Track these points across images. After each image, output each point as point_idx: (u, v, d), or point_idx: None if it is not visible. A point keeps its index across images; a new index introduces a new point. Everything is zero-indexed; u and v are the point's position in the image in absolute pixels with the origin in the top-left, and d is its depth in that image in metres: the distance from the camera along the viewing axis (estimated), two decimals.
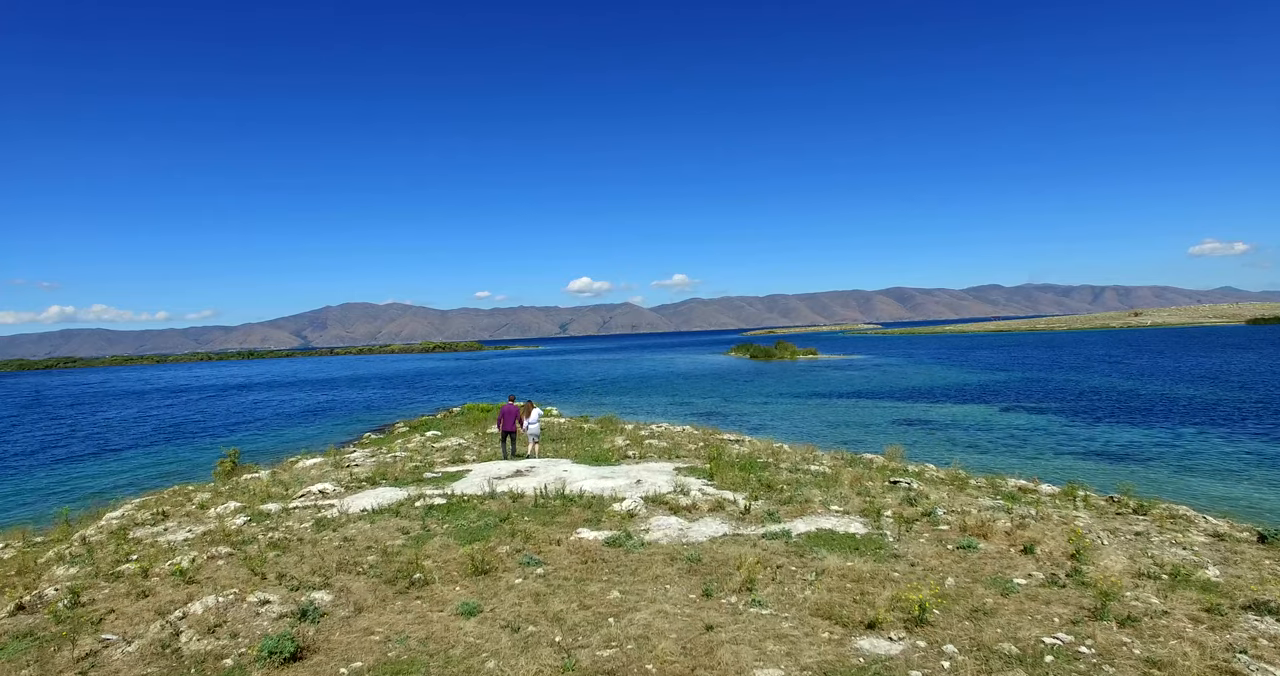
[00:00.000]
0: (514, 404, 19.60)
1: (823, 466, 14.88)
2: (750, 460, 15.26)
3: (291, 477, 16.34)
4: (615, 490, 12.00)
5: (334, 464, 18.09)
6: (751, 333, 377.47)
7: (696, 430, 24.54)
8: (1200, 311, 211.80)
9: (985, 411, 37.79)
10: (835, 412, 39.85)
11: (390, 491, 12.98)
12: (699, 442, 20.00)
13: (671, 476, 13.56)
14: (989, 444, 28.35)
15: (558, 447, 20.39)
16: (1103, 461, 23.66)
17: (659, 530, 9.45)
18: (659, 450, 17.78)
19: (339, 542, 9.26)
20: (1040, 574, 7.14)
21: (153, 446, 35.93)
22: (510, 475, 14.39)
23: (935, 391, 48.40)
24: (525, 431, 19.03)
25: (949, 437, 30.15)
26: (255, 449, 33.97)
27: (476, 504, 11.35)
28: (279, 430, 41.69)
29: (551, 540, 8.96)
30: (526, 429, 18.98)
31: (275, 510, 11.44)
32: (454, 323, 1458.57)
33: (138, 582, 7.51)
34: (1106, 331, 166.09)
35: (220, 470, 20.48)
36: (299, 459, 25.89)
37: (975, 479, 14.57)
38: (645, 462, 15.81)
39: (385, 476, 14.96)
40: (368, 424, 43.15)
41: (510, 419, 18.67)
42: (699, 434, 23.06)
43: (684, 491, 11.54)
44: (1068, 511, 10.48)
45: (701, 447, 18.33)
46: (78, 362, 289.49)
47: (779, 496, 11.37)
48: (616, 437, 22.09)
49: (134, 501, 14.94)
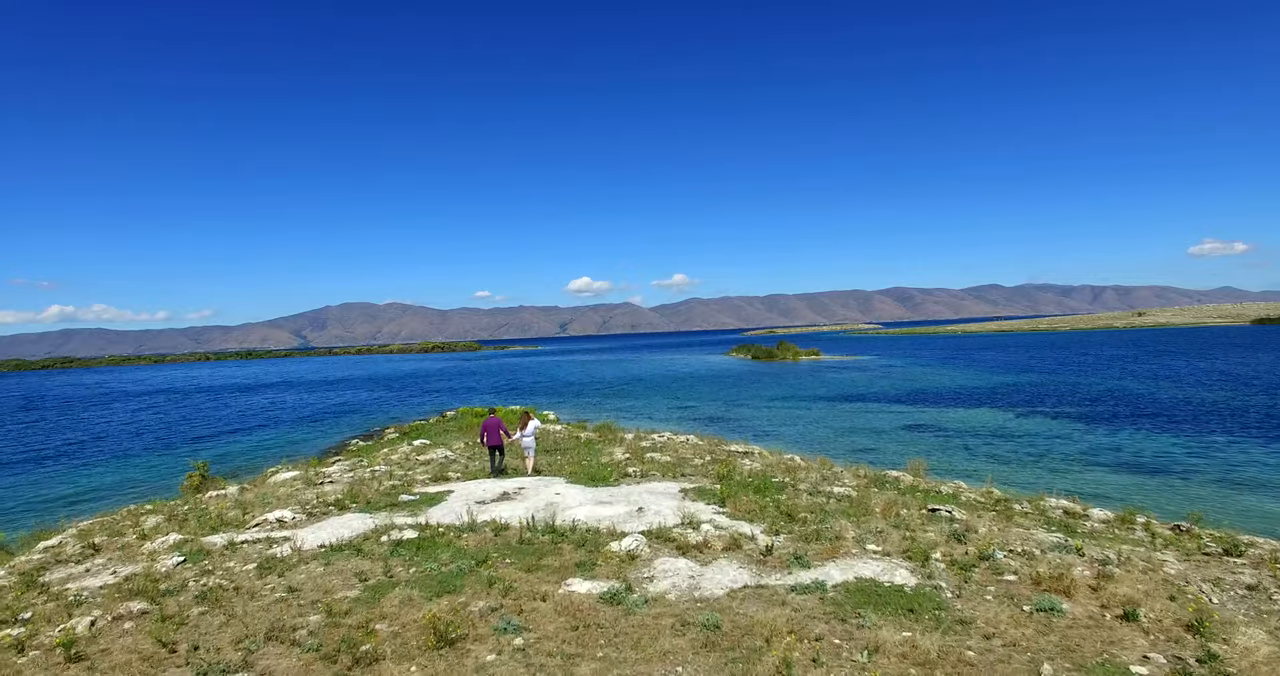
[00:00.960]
0: (496, 415, 18.08)
1: (846, 487, 13.32)
2: (764, 479, 13.71)
3: (257, 497, 14.79)
4: (614, 521, 10.44)
5: (306, 480, 16.53)
6: (751, 333, 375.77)
7: (701, 440, 22.98)
8: (1204, 311, 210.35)
9: (999, 417, 36.25)
10: (843, 418, 38.30)
11: (358, 519, 11.43)
12: (705, 456, 18.44)
13: (678, 501, 12.01)
14: (1009, 453, 26.79)
15: (552, 460, 18.84)
16: (1137, 474, 22.11)
17: (665, 578, 7.89)
18: (662, 466, 16.22)
19: (281, 594, 7.70)
20: (1160, 656, 5.58)
21: (130, 454, 34.35)
22: (495, 499, 12.84)
23: (945, 394, 46.86)
24: (519, 443, 17.57)
25: (965, 446, 28.60)
26: (236, 456, 32.42)
27: (453, 538, 9.79)
28: (266, 435, 40.13)
29: (536, 594, 7.40)
30: (520, 441, 17.49)
31: (220, 545, 9.89)
32: (454, 322, 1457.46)
33: (6, 660, 5.97)
34: (1110, 331, 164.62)
35: (188, 484, 18.94)
36: (275, 471, 24.31)
37: (1019, 502, 13.01)
38: (647, 482, 14.25)
39: (357, 498, 13.40)
40: (358, 429, 41.60)
41: (494, 432, 17.13)
42: (704, 445, 21.50)
43: (693, 523, 9.97)
44: (1146, 551, 8.92)
45: (709, 463, 16.77)
46: (75, 363, 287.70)
47: (803, 529, 9.81)
48: (615, 449, 20.53)
49: (78, 525, 13.39)
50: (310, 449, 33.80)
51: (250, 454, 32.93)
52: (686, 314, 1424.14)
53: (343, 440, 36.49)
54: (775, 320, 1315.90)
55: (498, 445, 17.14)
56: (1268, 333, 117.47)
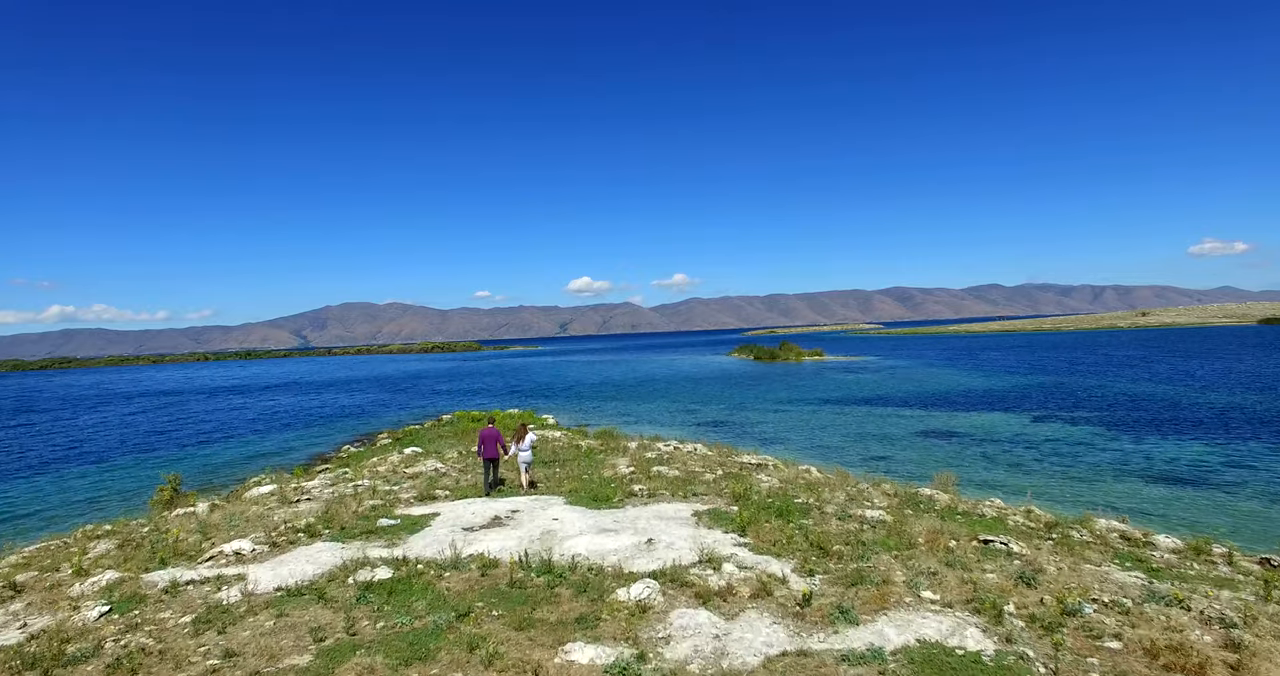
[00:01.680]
0: (494, 425, 16.72)
1: (878, 510, 11.90)
2: (785, 501, 12.30)
3: (224, 518, 13.39)
4: (620, 556, 9.03)
5: (282, 497, 15.10)
6: (752, 332, 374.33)
7: (709, 450, 21.56)
8: (1208, 311, 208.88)
9: (1016, 421, 34.83)
10: (853, 422, 36.89)
11: (328, 550, 10.02)
12: (716, 470, 17.02)
13: (691, 528, 10.60)
14: (1033, 462, 25.36)
15: (550, 474, 17.44)
16: (1176, 487, 20.68)
17: (685, 639, 6.48)
18: (670, 482, 14.80)
19: (215, 661, 6.29)
20: None
21: (112, 462, 32.92)
22: (485, 525, 11.43)
23: (955, 397, 45.44)
24: (515, 458, 16.25)
25: (985, 454, 27.17)
26: (221, 464, 31.01)
27: (432, 579, 8.38)
28: (255, 440, 38.72)
29: (527, 664, 5.99)
30: (517, 455, 16.17)
31: (161, 586, 8.48)
32: (454, 322, 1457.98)
33: None
34: (1113, 332, 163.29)
35: (158, 499, 17.53)
36: (256, 482, 22.91)
37: (1073, 527, 11.58)
38: (655, 502, 12.84)
39: (332, 521, 11.99)
40: (350, 433, 40.20)
41: (491, 445, 15.82)
42: (713, 456, 20.09)
43: (713, 560, 8.56)
44: (1259, 602, 7.50)
45: (721, 478, 15.35)
46: (73, 363, 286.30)
47: (841, 567, 8.41)
48: (619, 460, 19.12)
49: (21, 553, 11.99)
50: (299, 455, 32.41)
51: (236, 462, 31.53)
52: (687, 314, 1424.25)
53: (334, 446, 35.09)
54: (775, 320, 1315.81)
55: (494, 458, 15.89)
56: (1276, 333, 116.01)
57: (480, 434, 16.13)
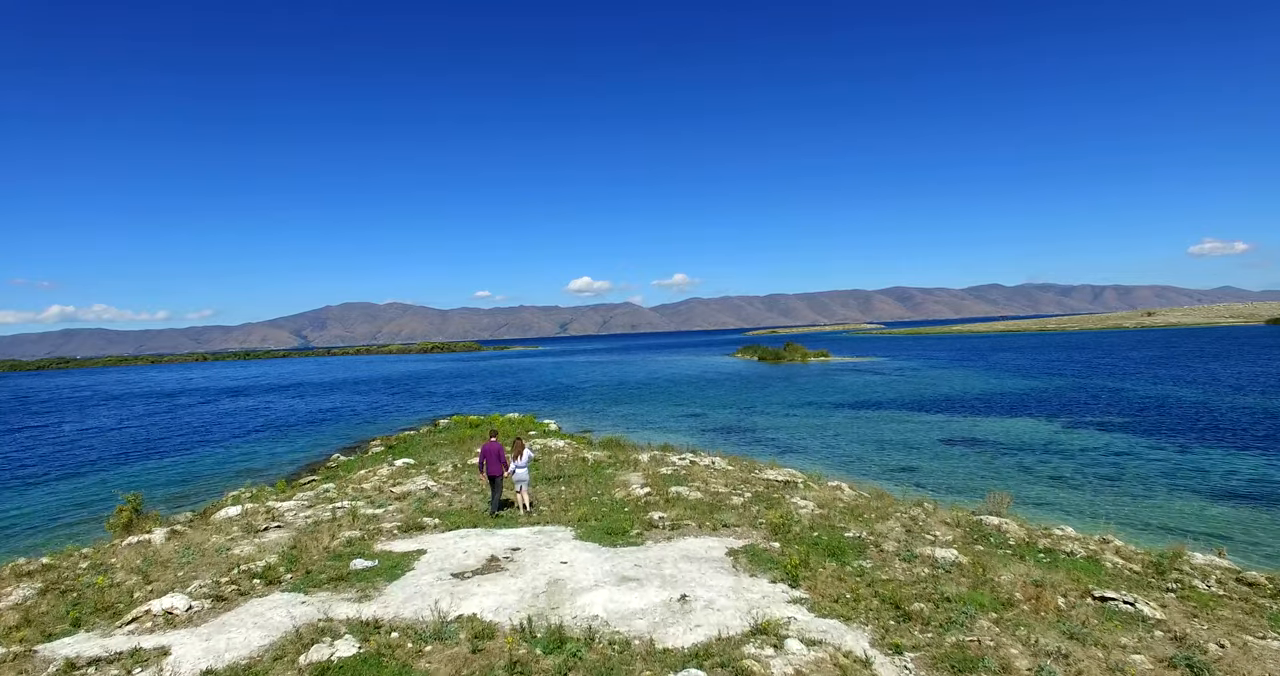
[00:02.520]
0: (496, 440, 14.88)
1: (946, 547, 9.99)
2: (833, 533, 10.41)
3: (178, 551, 11.52)
4: (648, 622, 7.13)
5: (247, 526, 13.19)
6: (753, 332, 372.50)
7: (730, 464, 19.65)
8: (1213, 311, 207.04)
9: (1045, 428, 32.91)
10: (872, 428, 34.98)
11: (284, 605, 8.13)
12: (741, 488, 15.12)
13: (730, 575, 8.69)
14: (1075, 475, 23.42)
15: (555, 493, 15.55)
16: (1245, 506, 18.75)
17: None
18: (693, 507, 12.91)
19: None
20: None
21: (85, 470, 31.00)
22: (479, 569, 9.50)
23: (973, 401, 43.51)
24: (512, 476, 14.41)
25: (1021, 465, 25.24)
26: (201, 475, 29.05)
27: (409, 657, 6.49)
28: (242, 447, 36.81)
29: None
30: (513, 473, 14.34)
31: (59, 665, 6.59)
32: (454, 322, 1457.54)
33: None
34: (1120, 332, 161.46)
35: (115, 522, 15.63)
36: (230, 499, 21.03)
37: (1187, 571, 9.66)
38: (681, 535, 10.94)
39: (297, 562, 10.09)
40: (342, 439, 38.29)
41: (494, 461, 14.15)
42: (735, 471, 18.17)
43: (769, 631, 6.66)
44: None
45: (751, 502, 13.45)
46: (72, 364, 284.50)
47: (933, 639, 6.52)
48: (630, 476, 17.23)
49: None
50: (285, 465, 30.52)
51: (218, 472, 29.63)
52: (687, 314, 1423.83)
53: (324, 454, 33.20)
54: (776, 320, 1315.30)
55: (497, 475, 14.22)
56: None
57: (482, 449, 14.45)
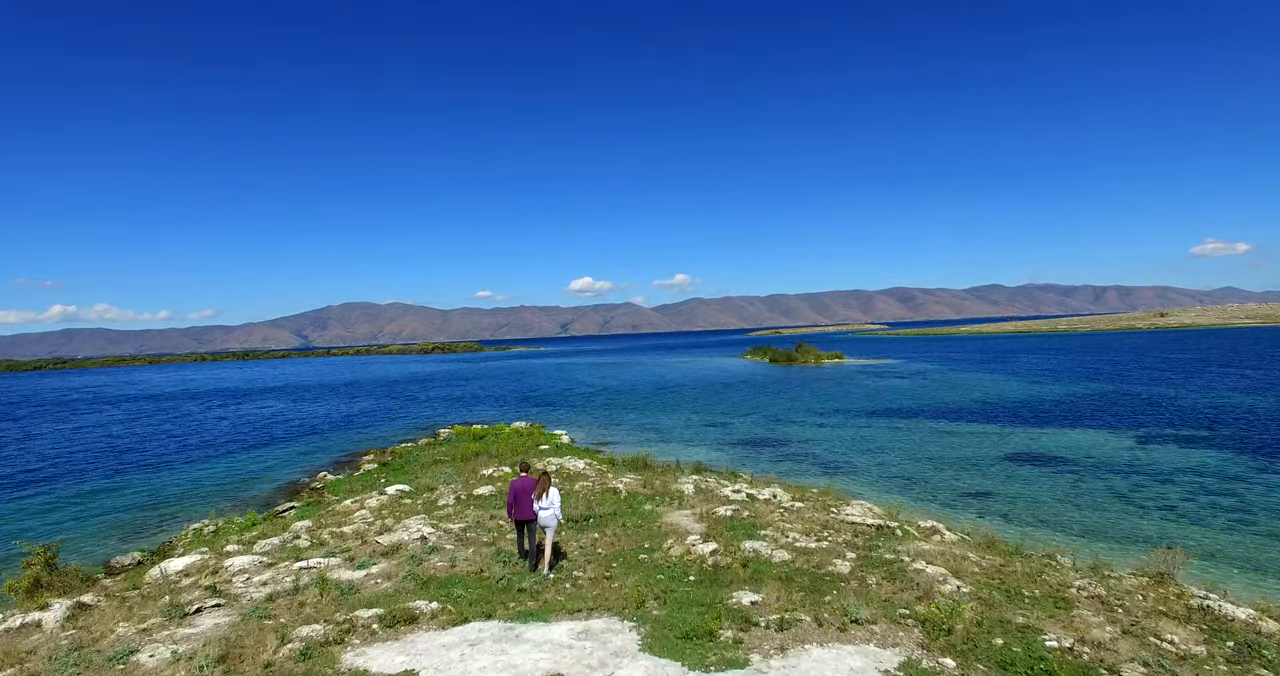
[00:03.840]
0: (529, 475, 11.72)
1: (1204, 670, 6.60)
2: (1026, 641, 7.02)
3: (67, 646, 8.18)
4: None
5: (172, 607, 9.77)
6: (756, 333, 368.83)
7: (792, 495, 16.26)
8: (1229, 312, 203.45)
9: (1115, 443, 29.48)
10: (917, 441, 31.58)
11: None
12: (830, 539, 11.75)
13: None
14: (1189, 505, 19.93)
15: (589, 547, 12.20)
16: None
17: None
18: (787, 579, 9.53)
19: None
20: None
21: (25, 494, 27.46)
22: None
23: (1019, 409, 40.07)
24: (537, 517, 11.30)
25: (1113, 490, 21.80)
26: (169, 498, 25.54)
27: None
28: (222, 462, 33.44)
29: None
30: (537, 513, 11.21)
31: None
32: (455, 322, 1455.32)
33: None
34: (1134, 333, 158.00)
35: (18, 585, 12.18)
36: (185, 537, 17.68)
37: None
38: (798, 644, 7.50)
39: None
40: (334, 452, 34.91)
41: (526, 501, 11.20)
42: (808, 509, 14.77)
43: None
44: None
45: (858, 565, 10.07)
46: (69, 364, 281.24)
47: None
48: (679, 517, 13.89)
49: None
50: (266, 485, 27.11)
51: (188, 493, 26.24)
52: (688, 314, 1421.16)
53: (311, 470, 29.84)
54: (777, 320, 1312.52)
55: (530, 519, 11.23)
56: None
57: (511, 487, 11.53)
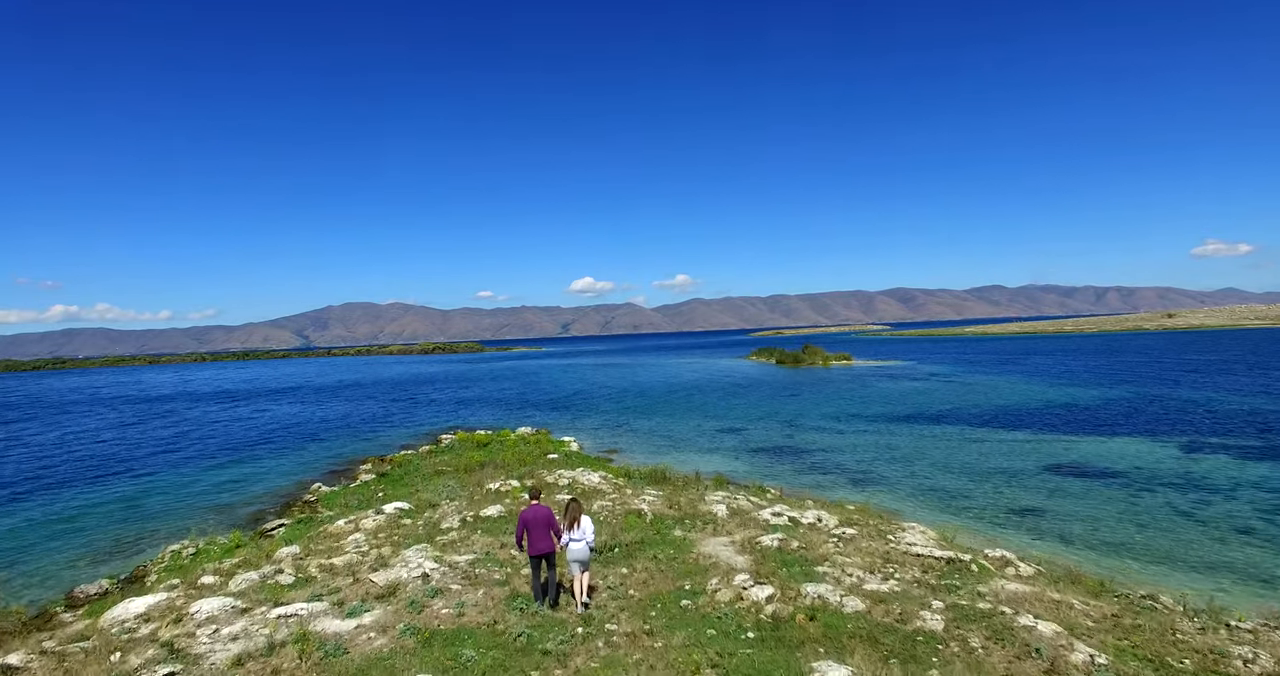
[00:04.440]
0: (541, 503, 10.01)
1: None
2: None
3: None
4: None
5: None
6: (757, 333, 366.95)
7: (837, 517, 14.51)
8: (1237, 313, 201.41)
9: (1161, 452, 27.66)
10: (947, 449, 29.79)
11: None
12: (901, 576, 10.01)
13: None
14: (1268, 526, 18.13)
15: (618, 586, 10.47)
16: None
17: None
18: (869, 638, 7.81)
19: None
20: None
21: (9, 501, 25.84)
22: None
23: (1048, 415, 38.25)
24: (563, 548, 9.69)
25: (1175, 507, 20.02)
26: (153, 510, 23.82)
27: None
28: (213, 469, 31.71)
29: None
30: (566, 546, 9.58)
31: None
32: (456, 323, 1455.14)
33: None
34: (1142, 333, 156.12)
35: None
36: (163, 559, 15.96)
37: None
38: None
39: None
40: (330, 459, 33.18)
41: (542, 532, 9.63)
42: (862, 538, 13.00)
43: None
44: None
45: (951, 620, 8.34)
46: (68, 364, 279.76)
47: None
48: (717, 547, 12.15)
49: None
50: (255, 497, 25.36)
51: (172, 506, 24.49)
52: (689, 314, 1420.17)
53: (304, 480, 28.10)
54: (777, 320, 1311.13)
55: (548, 553, 9.57)
56: None
57: (522, 517, 9.75)
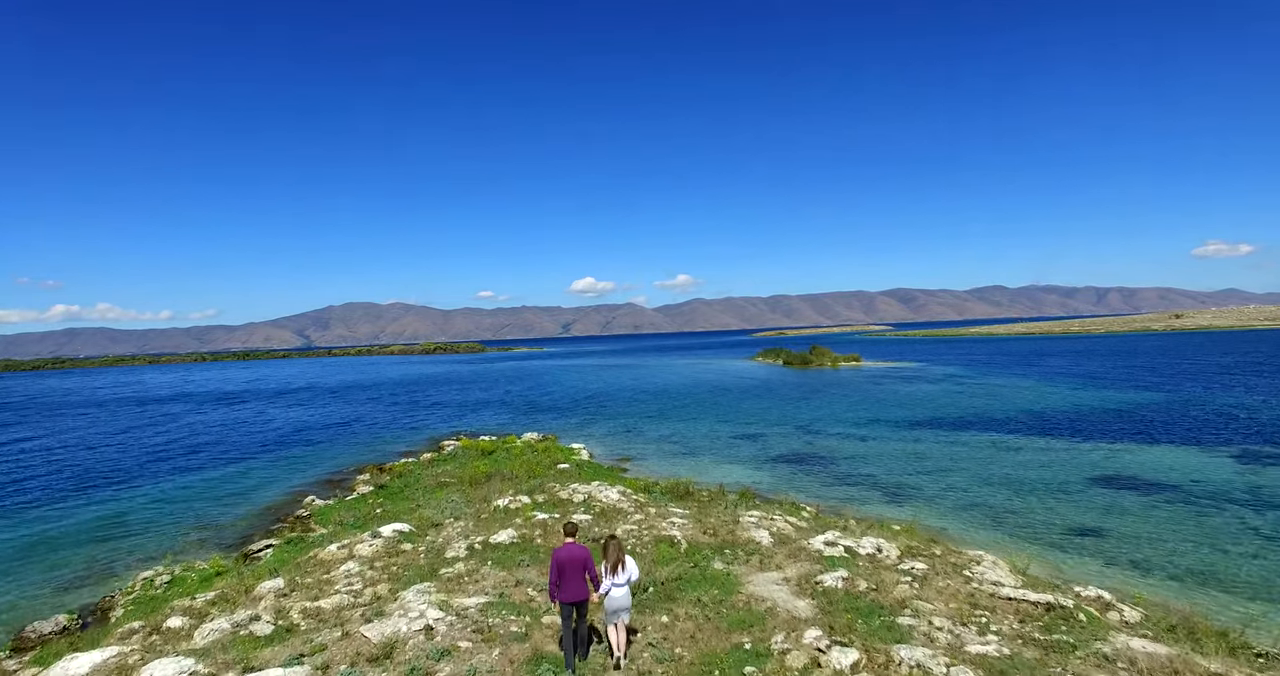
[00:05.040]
0: (576, 541, 8.28)
1: None
2: None
3: None
4: None
5: None
6: (759, 333, 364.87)
7: (898, 545, 12.71)
8: (1246, 313, 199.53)
9: (1216, 463, 25.77)
10: (981, 459, 27.94)
11: None
12: (981, 614, 8.24)
13: None
14: None
15: (658, 631, 8.69)
16: None
17: None
18: None
19: None
20: None
21: None
22: None
23: (1079, 422, 36.33)
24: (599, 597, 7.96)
25: (1253, 529, 18.09)
26: (134, 525, 22.02)
27: None
28: (201, 478, 29.95)
29: None
30: (606, 594, 7.85)
31: None
32: (457, 322, 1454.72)
33: None
34: (1152, 334, 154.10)
35: None
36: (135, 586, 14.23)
37: None
38: None
39: None
40: (326, 468, 31.40)
41: (576, 576, 8.00)
42: (934, 572, 11.20)
43: None
44: None
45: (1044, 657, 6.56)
46: (67, 364, 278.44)
47: None
48: (770, 586, 10.36)
49: None
50: (243, 513, 23.54)
51: (153, 522, 22.68)
52: (689, 314, 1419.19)
53: (297, 491, 26.32)
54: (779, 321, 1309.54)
55: (580, 601, 7.97)
56: None
57: (556, 558, 8.02)
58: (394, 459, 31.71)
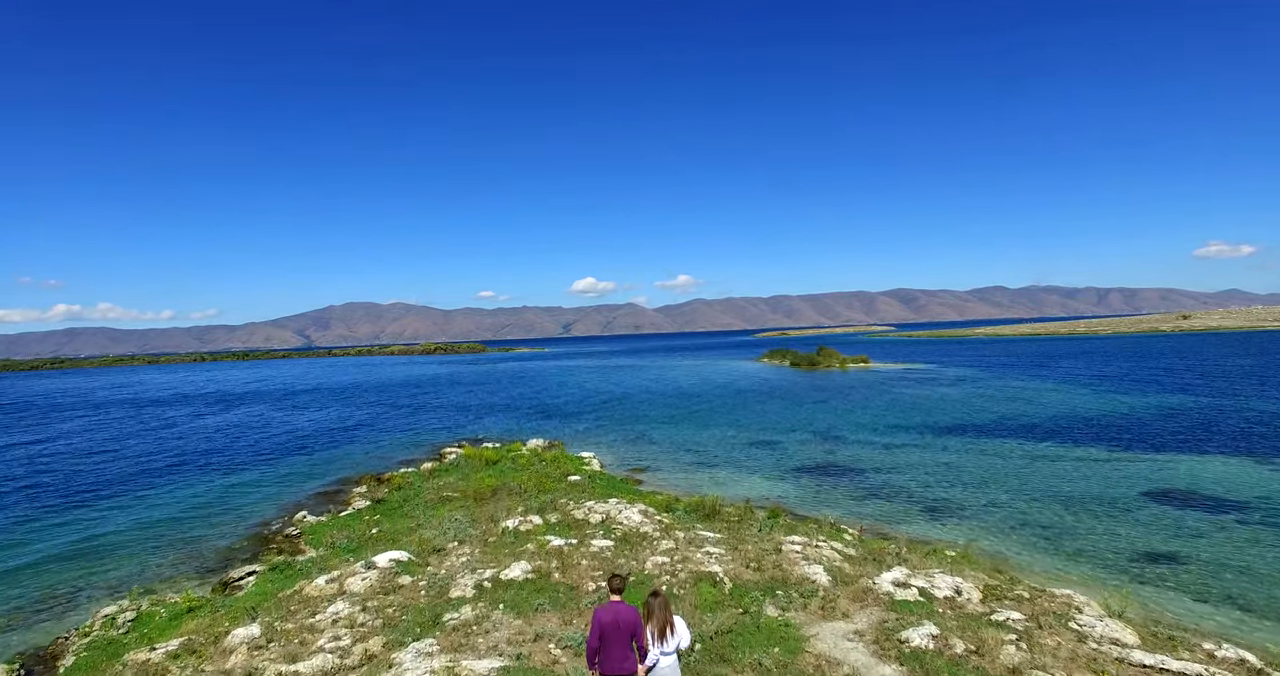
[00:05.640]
0: (622, 600, 6.41)
1: None
2: None
3: None
4: None
5: None
6: (760, 334, 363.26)
7: (976, 586, 10.91)
8: (1254, 314, 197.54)
9: (1270, 476, 24.07)
10: (1019, 470, 26.12)
11: None
12: None
13: None
14: None
15: None
16: None
17: None
18: None
19: None
20: None
21: None
22: None
23: (1113, 429, 34.43)
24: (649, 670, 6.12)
25: None
26: (103, 548, 20.19)
27: None
28: (186, 489, 28.17)
29: None
30: (654, 667, 6.01)
31: None
32: (457, 322, 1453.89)
33: None
34: (1160, 336, 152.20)
35: None
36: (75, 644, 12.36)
37: None
38: None
39: None
40: (321, 478, 29.59)
41: (622, 643, 5.98)
42: (1038, 628, 9.38)
43: None
44: None
45: None
46: (66, 364, 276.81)
47: None
48: (840, 643, 8.58)
49: None
50: (228, 530, 21.73)
51: (132, 537, 20.90)
52: (690, 315, 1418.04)
53: (289, 506, 24.53)
54: (779, 321, 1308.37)
55: (630, 674, 6.08)
56: None
57: (599, 621, 6.21)
58: (393, 468, 29.92)
